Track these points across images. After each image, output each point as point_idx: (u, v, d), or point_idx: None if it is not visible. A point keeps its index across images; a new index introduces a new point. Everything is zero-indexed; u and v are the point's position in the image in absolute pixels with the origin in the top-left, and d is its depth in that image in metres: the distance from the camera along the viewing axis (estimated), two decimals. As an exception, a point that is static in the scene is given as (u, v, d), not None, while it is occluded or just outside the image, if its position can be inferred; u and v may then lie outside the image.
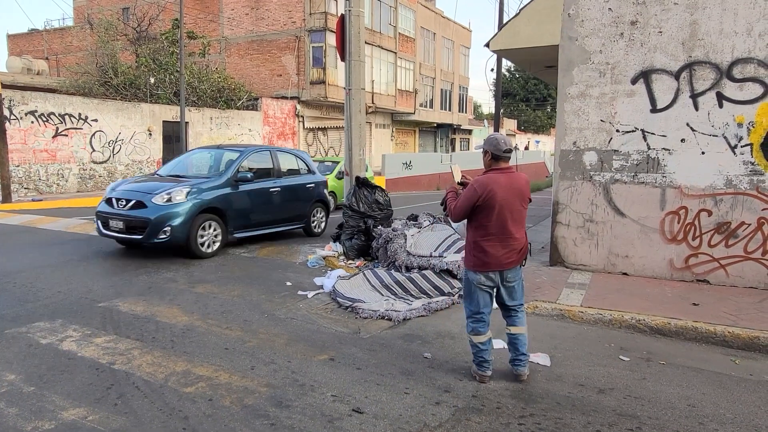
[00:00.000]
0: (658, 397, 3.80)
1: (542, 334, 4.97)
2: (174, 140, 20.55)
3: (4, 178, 14.49)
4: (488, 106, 70.35)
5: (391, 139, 34.66)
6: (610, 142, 6.94)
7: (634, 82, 6.74)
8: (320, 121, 28.12)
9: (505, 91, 52.55)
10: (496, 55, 12.15)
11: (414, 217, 8.25)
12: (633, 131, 6.79)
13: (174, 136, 20.52)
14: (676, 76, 6.51)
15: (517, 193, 3.80)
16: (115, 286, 6.42)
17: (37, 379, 3.90)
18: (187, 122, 20.48)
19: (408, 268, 6.49)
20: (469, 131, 46.20)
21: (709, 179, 6.44)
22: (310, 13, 26.06)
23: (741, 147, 6.26)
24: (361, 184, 8.38)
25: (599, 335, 5.08)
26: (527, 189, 3.91)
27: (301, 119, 26.81)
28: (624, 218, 6.91)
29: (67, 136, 17.53)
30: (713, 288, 6.34)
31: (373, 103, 28.97)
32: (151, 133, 20.04)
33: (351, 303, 5.72)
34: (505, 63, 23.98)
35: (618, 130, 6.88)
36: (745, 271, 6.34)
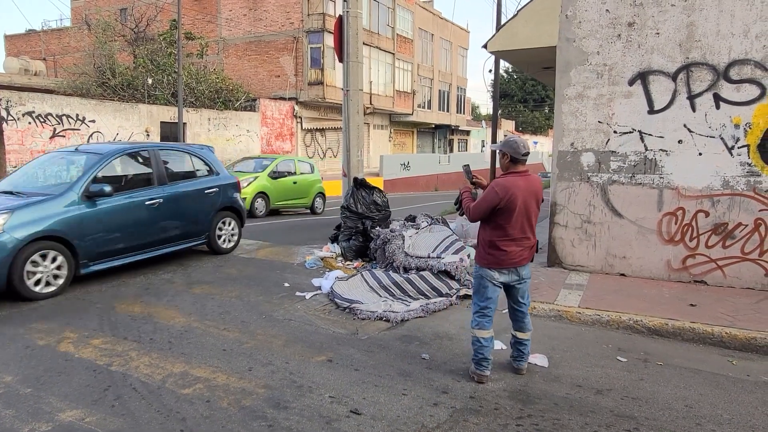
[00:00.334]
0: (656, 398, 3.80)
1: (540, 335, 4.97)
2: (172, 141, 20.53)
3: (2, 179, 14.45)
4: (486, 107, 70.44)
5: (389, 140, 34.67)
6: (607, 143, 6.95)
7: (632, 83, 6.76)
8: (318, 122, 28.11)
9: (503, 92, 52.56)
10: (493, 56, 12.16)
11: (412, 218, 8.25)
12: (630, 132, 6.81)
13: (172, 137, 20.50)
14: (674, 77, 6.53)
15: (533, 196, 3.92)
16: (113, 287, 6.41)
17: (34, 381, 3.89)
18: (184, 123, 20.46)
19: (406, 269, 6.49)
20: (467, 132, 46.24)
21: (707, 180, 6.46)
22: (308, 14, 26.06)
23: (738, 148, 6.28)
24: (359, 185, 8.38)
25: (597, 336, 5.08)
26: (542, 191, 4.04)
27: (299, 120, 26.80)
28: (621, 219, 6.92)
29: (65, 137, 17.48)
30: (710, 289, 6.35)
31: (371, 104, 28.99)
32: (148, 134, 20.00)
33: (349, 304, 5.72)
34: (503, 64, 24.02)
35: (615, 132, 6.89)
36: (742, 272, 6.36)
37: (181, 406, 3.54)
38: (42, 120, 16.82)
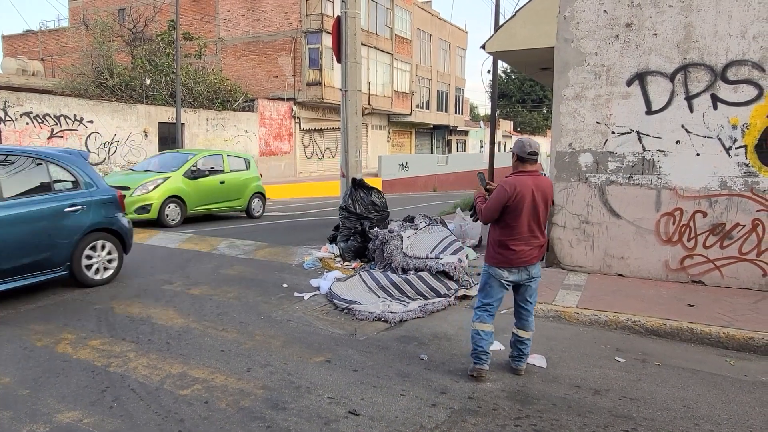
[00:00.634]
0: (654, 398, 3.81)
1: (538, 336, 4.96)
2: (170, 142, 20.51)
3: (-1, 180, 14.40)
4: (484, 108, 70.44)
5: (388, 141, 34.68)
6: (605, 143, 6.96)
7: (630, 84, 6.77)
8: (316, 123, 28.11)
9: (502, 93, 52.61)
10: (492, 56, 12.17)
11: (410, 219, 8.25)
12: (628, 133, 6.82)
13: (170, 138, 20.49)
14: (671, 78, 6.54)
15: (542, 196, 3.93)
16: (111, 288, 6.40)
17: (32, 382, 3.88)
18: (183, 123, 20.43)
19: (404, 270, 6.49)
20: (466, 132, 46.26)
21: (704, 181, 6.47)
22: (307, 15, 26.05)
23: (735, 149, 6.29)
24: (358, 185, 8.38)
25: (595, 336, 5.09)
26: (551, 192, 4.05)
27: (297, 121, 26.79)
28: (619, 219, 6.93)
29: (63, 137, 17.45)
30: (708, 289, 6.36)
31: (369, 104, 28.98)
32: (147, 135, 19.99)
33: (347, 305, 5.72)
34: (501, 64, 24.01)
35: (613, 132, 6.90)
36: (740, 272, 6.37)
37: (180, 407, 3.54)
38: (40, 120, 16.79)
